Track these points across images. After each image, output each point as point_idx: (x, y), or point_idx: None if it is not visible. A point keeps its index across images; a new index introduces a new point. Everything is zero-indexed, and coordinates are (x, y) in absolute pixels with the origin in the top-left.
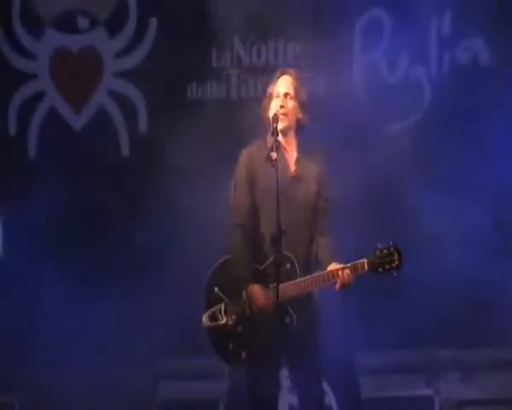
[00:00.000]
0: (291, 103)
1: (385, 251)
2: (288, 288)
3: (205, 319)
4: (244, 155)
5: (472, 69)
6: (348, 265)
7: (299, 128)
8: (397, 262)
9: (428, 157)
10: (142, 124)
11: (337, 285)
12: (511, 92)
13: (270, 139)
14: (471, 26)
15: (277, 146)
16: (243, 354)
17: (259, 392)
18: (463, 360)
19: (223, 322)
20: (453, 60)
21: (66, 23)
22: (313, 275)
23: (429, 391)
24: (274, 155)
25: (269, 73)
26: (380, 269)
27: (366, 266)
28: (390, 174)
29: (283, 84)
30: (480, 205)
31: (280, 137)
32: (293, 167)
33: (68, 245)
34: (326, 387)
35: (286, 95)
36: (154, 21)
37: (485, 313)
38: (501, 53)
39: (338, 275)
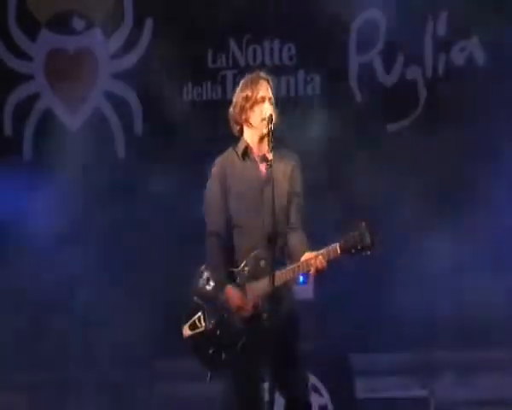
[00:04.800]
0: (272, 108)
1: (356, 232)
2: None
3: (185, 329)
4: (216, 164)
5: (467, 70)
6: (321, 252)
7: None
8: (368, 241)
9: (424, 158)
10: (138, 125)
11: (311, 272)
12: (507, 92)
13: (241, 143)
14: (466, 27)
15: (272, 147)
16: (223, 356)
17: (245, 391)
18: (458, 361)
19: (202, 328)
20: (449, 60)
21: (61, 24)
22: (288, 267)
23: (424, 392)
24: (269, 155)
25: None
26: (352, 250)
27: (339, 250)
28: (386, 175)
29: (266, 89)
30: (478, 203)
31: (252, 142)
32: (264, 170)
33: (65, 246)
34: (322, 388)
35: (269, 99)
36: (149, 22)
37: (481, 313)
38: (496, 53)
39: (311, 264)
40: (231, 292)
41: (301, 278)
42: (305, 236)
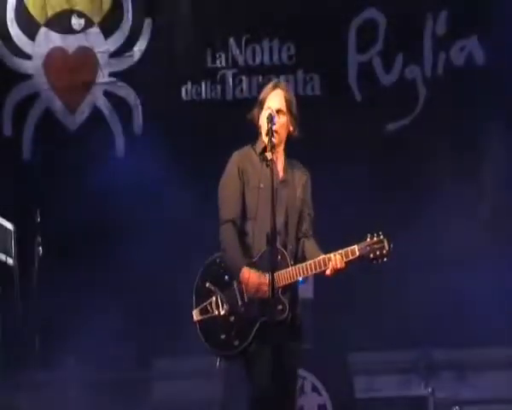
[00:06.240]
0: (283, 119)
1: (375, 238)
2: (282, 276)
3: (196, 313)
4: (234, 156)
5: (467, 69)
6: (340, 251)
7: (289, 140)
8: (387, 249)
9: (423, 157)
10: (137, 124)
11: (329, 270)
12: (506, 92)
13: (260, 142)
14: (466, 26)
15: (272, 146)
16: (236, 343)
17: (257, 380)
18: (458, 360)
19: (215, 314)
20: (448, 60)
21: (61, 23)
22: (306, 263)
23: (424, 391)
24: (269, 155)
25: (264, 74)
26: (371, 255)
27: (357, 252)
28: (385, 174)
29: (276, 100)
30: (475, 202)
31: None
32: (281, 173)
33: (63, 248)
34: (321, 387)
35: (278, 111)
36: (148, 22)
37: (481, 313)
38: (496, 53)
39: (330, 260)
40: (248, 272)
41: (300, 279)
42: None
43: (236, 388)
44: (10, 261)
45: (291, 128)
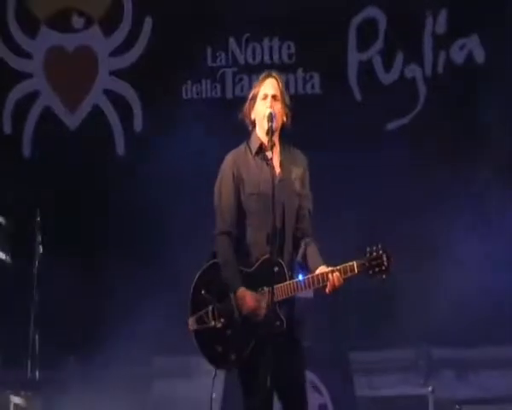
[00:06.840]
0: (278, 106)
1: (374, 254)
2: (279, 290)
3: (191, 322)
4: (229, 160)
5: (467, 68)
6: (338, 267)
7: (283, 131)
8: (386, 265)
9: (423, 155)
10: (138, 123)
11: (327, 288)
12: (507, 90)
13: (255, 138)
14: (466, 25)
15: (272, 145)
16: (233, 357)
17: (253, 395)
18: (458, 359)
19: (211, 325)
20: (448, 59)
21: (61, 22)
22: (303, 278)
23: (424, 390)
24: (269, 154)
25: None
26: (370, 272)
27: (356, 270)
28: (385, 173)
29: (270, 86)
30: (475, 201)
31: (263, 139)
32: (278, 169)
33: (63, 246)
34: (322, 387)
35: (273, 97)
36: (148, 20)
37: (481, 312)
38: (496, 52)
39: (328, 278)
40: (245, 294)
41: (300, 277)
42: (316, 244)
43: (235, 396)
44: (8, 259)
45: (284, 118)
